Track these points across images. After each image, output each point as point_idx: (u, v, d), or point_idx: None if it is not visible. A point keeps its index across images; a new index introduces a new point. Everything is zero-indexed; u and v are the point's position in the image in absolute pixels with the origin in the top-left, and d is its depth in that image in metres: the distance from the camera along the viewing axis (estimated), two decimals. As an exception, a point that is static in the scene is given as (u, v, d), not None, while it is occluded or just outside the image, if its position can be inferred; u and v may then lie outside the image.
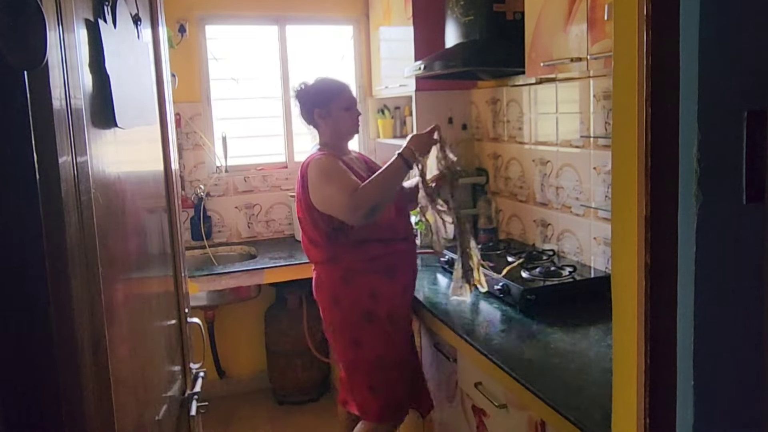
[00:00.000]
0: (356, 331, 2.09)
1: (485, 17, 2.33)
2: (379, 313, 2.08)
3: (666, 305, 0.89)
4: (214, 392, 3.36)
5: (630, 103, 0.90)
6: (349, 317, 2.10)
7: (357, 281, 2.09)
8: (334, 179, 2.00)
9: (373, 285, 2.08)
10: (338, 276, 2.11)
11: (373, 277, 2.09)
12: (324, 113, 2.17)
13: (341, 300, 2.10)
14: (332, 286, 2.13)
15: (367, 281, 2.08)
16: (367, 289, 2.08)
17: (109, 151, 0.91)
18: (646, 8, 0.85)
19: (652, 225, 0.89)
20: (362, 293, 2.08)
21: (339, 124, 2.18)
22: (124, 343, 0.92)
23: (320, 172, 2.03)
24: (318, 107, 2.17)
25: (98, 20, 0.86)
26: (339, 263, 2.10)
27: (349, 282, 2.09)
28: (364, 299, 2.08)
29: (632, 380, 0.94)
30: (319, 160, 2.07)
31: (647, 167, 0.88)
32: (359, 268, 2.09)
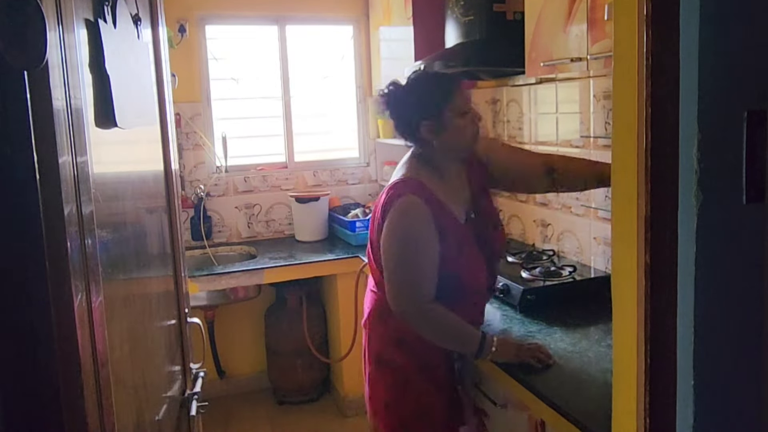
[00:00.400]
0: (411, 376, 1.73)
1: (485, 17, 2.33)
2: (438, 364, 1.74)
3: (666, 305, 0.89)
4: (214, 392, 3.36)
5: (630, 103, 0.90)
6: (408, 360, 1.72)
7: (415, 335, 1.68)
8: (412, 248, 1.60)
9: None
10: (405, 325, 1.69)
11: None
12: (436, 127, 1.64)
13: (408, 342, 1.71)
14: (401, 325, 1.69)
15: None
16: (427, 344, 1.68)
17: (109, 151, 0.91)
18: (646, 8, 0.85)
19: (652, 225, 0.89)
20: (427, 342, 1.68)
21: (458, 138, 1.66)
22: (124, 343, 0.92)
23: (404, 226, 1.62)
24: (427, 119, 1.63)
25: (98, 20, 0.86)
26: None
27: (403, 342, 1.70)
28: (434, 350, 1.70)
29: (632, 380, 0.94)
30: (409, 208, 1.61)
31: (647, 167, 0.88)
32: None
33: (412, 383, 1.74)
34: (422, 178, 1.67)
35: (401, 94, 1.71)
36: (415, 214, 1.61)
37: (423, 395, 1.74)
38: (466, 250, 1.69)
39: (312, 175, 3.58)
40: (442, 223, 1.63)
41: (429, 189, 1.65)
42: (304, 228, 3.41)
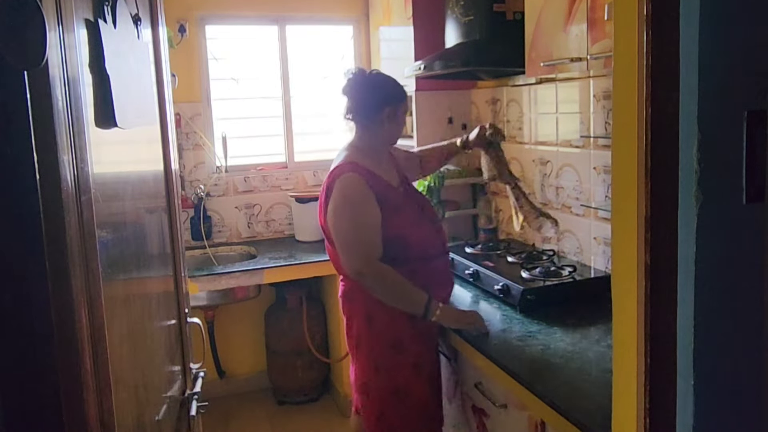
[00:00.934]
0: (380, 356, 1.89)
1: (485, 17, 2.33)
2: (410, 343, 1.88)
3: (666, 305, 0.89)
4: (214, 392, 3.36)
5: (630, 103, 0.90)
6: (377, 339, 1.89)
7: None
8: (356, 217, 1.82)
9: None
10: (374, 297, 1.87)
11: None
12: (393, 114, 1.93)
13: (375, 320, 1.89)
14: (367, 302, 1.88)
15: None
16: (406, 314, 1.85)
17: (109, 151, 0.91)
18: (646, 8, 0.85)
19: (652, 225, 0.89)
20: (399, 315, 1.85)
21: (396, 130, 1.98)
22: (124, 343, 0.92)
23: (346, 199, 1.83)
24: (390, 105, 1.92)
25: (98, 20, 0.86)
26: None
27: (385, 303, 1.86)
28: (399, 324, 1.86)
29: (632, 380, 0.94)
30: (348, 182, 1.84)
31: (647, 167, 0.88)
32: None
33: (385, 361, 1.89)
34: (357, 159, 1.91)
35: (368, 79, 1.96)
36: (353, 186, 1.84)
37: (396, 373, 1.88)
38: (407, 211, 1.95)
39: (312, 175, 3.58)
40: (378, 189, 1.87)
41: (362, 165, 1.89)
42: (304, 228, 3.41)
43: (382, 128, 1.95)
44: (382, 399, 1.90)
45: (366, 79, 1.95)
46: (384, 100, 1.92)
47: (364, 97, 1.94)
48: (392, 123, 1.95)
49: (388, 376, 1.88)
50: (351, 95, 1.95)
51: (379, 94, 1.93)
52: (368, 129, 1.96)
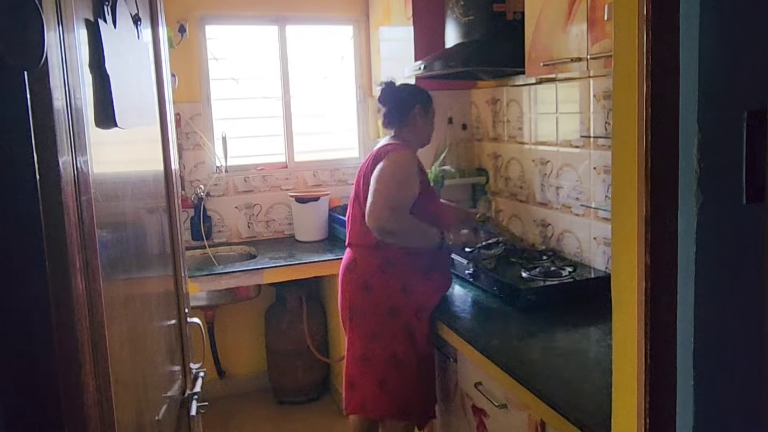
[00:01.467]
0: (377, 324, 2.06)
1: (485, 17, 2.33)
2: (405, 310, 2.05)
3: (666, 305, 0.89)
4: (214, 392, 3.36)
5: (630, 103, 0.90)
6: (374, 308, 2.07)
7: (393, 271, 2.07)
8: (401, 182, 2.03)
9: (408, 279, 2.07)
10: (376, 263, 2.09)
11: (410, 270, 2.08)
12: (424, 112, 2.19)
13: (373, 288, 2.08)
14: (367, 271, 2.10)
15: (403, 273, 2.08)
16: (401, 281, 2.07)
17: (109, 151, 0.91)
18: (646, 8, 0.85)
19: (652, 225, 0.89)
20: (395, 285, 2.06)
21: (428, 129, 2.23)
22: (124, 343, 0.92)
23: (398, 165, 2.04)
24: (421, 104, 2.18)
25: (98, 20, 0.86)
26: (380, 250, 2.08)
27: (385, 271, 2.08)
28: (396, 292, 2.06)
29: (632, 380, 0.94)
30: (405, 155, 2.08)
31: (647, 167, 0.88)
32: (399, 259, 2.07)
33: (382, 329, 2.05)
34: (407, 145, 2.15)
35: (399, 88, 2.23)
36: (406, 160, 2.07)
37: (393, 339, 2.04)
38: (435, 203, 2.23)
39: (312, 175, 3.58)
40: (421, 177, 2.11)
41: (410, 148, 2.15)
42: (304, 228, 3.41)
43: (416, 126, 2.19)
44: (382, 366, 2.05)
45: (396, 87, 2.23)
46: (412, 99, 2.18)
47: (395, 100, 2.19)
48: (423, 120, 2.20)
49: (385, 343, 2.05)
50: (385, 102, 2.22)
51: (407, 96, 2.19)
52: (403, 130, 2.20)
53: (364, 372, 2.08)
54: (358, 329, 2.11)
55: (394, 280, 2.07)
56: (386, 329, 2.05)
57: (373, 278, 2.08)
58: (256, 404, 3.42)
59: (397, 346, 2.04)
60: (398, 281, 2.07)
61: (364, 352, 2.08)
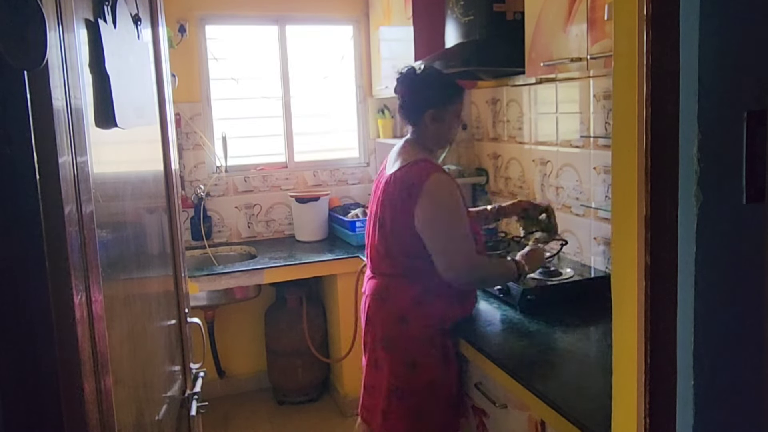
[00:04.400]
0: (415, 354, 1.87)
1: (485, 17, 2.33)
2: (444, 338, 1.89)
3: (666, 305, 0.89)
4: (214, 392, 3.36)
5: (630, 103, 0.90)
6: (412, 339, 1.87)
7: (431, 304, 1.88)
8: (457, 223, 1.82)
9: (446, 311, 1.89)
10: (411, 295, 1.88)
11: (448, 303, 1.90)
12: (438, 116, 1.90)
13: (410, 320, 1.87)
14: (402, 303, 1.88)
15: (441, 306, 1.89)
16: (440, 314, 1.88)
17: (109, 151, 0.91)
18: (646, 8, 0.85)
19: (652, 225, 0.89)
20: (434, 318, 1.87)
21: (447, 133, 1.94)
22: (124, 343, 0.92)
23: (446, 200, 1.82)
24: (435, 108, 1.88)
25: (98, 20, 0.86)
26: (414, 282, 1.89)
27: (421, 304, 1.87)
28: (434, 324, 1.88)
29: (632, 380, 0.94)
30: (443, 184, 1.83)
31: (647, 167, 0.88)
32: (435, 291, 1.88)
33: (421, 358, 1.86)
34: (430, 158, 1.91)
35: (418, 78, 1.92)
36: (450, 188, 1.85)
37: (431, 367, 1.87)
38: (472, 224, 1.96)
39: (312, 175, 3.58)
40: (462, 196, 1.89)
41: (439, 165, 1.91)
42: (304, 228, 3.41)
43: (427, 130, 1.92)
44: (420, 396, 1.88)
45: (413, 78, 1.92)
46: (426, 102, 1.89)
47: (408, 98, 1.92)
48: (438, 125, 1.91)
49: (423, 371, 1.87)
50: (399, 94, 1.95)
51: (421, 97, 1.90)
52: (420, 129, 1.94)
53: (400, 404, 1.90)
54: (395, 360, 1.89)
55: (433, 312, 1.88)
56: (424, 358, 1.87)
57: (409, 311, 1.87)
58: (256, 404, 3.42)
59: (435, 374, 1.88)
60: (437, 313, 1.88)
61: (398, 385, 1.89)
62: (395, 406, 1.90)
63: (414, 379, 1.87)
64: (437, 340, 1.88)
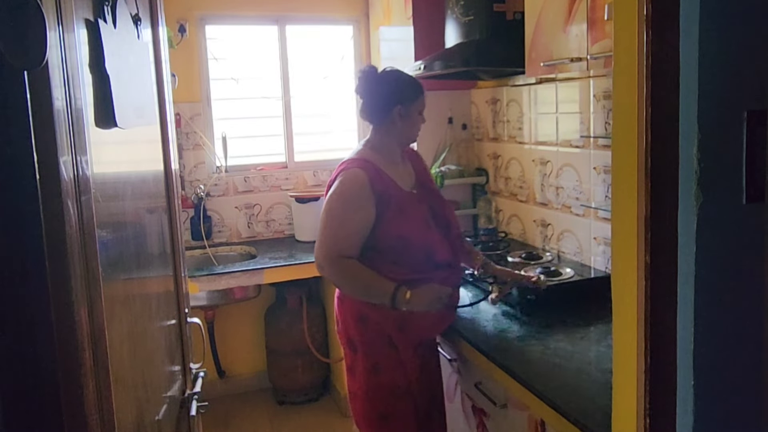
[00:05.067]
0: (377, 356, 1.87)
1: (485, 17, 2.33)
2: (405, 342, 1.86)
3: (666, 305, 0.89)
4: (214, 392, 3.36)
5: (630, 103, 0.90)
6: (373, 340, 1.87)
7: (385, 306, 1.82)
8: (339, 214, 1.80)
9: (402, 313, 1.81)
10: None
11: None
12: (404, 112, 1.89)
13: (368, 320, 1.87)
14: (358, 303, 1.88)
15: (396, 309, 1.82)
16: (395, 316, 1.82)
17: (109, 151, 0.91)
18: (646, 8, 0.85)
19: (652, 225, 0.89)
20: (389, 319, 1.83)
21: (410, 129, 1.94)
22: (124, 343, 0.92)
23: (339, 195, 1.82)
24: (402, 104, 1.88)
25: (98, 20, 0.86)
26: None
27: (377, 304, 1.83)
28: (391, 326, 1.84)
29: (632, 380, 0.94)
30: (350, 177, 1.82)
31: (647, 167, 0.88)
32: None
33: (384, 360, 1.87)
34: (368, 156, 1.90)
35: (379, 77, 1.93)
36: (352, 182, 1.83)
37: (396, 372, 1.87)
38: (414, 214, 1.90)
39: (312, 175, 3.58)
40: (382, 189, 1.83)
41: (372, 162, 1.87)
42: (304, 228, 3.41)
43: (395, 127, 1.91)
44: (384, 399, 1.87)
45: (376, 78, 1.92)
46: (393, 99, 1.89)
47: (373, 96, 1.92)
48: (405, 122, 1.91)
49: (388, 375, 1.87)
50: (362, 94, 1.94)
51: (387, 93, 1.90)
52: (381, 128, 1.94)
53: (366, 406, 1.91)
54: (361, 362, 1.90)
55: (388, 313, 1.82)
56: (387, 361, 1.86)
57: (366, 311, 1.87)
58: (256, 404, 3.42)
59: (400, 378, 1.86)
60: (392, 314, 1.82)
61: (366, 385, 1.89)
62: (363, 405, 1.91)
63: (377, 382, 1.87)
64: (400, 345, 1.86)
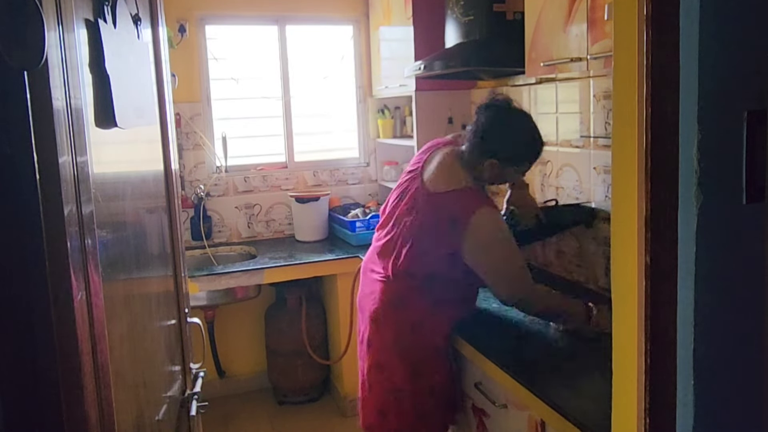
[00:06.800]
0: (421, 362, 1.89)
1: (485, 17, 2.33)
2: (446, 345, 1.91)
3: (666, 305, 0.89)
4: (214, 392, 3.36)
5: (630, 103, 0.90)
6: (420, 347, 1.88)
7: (444, 312, 1.89)
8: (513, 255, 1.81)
9: (455, 315, 1.91)
10: (427, 303, 1.88)
11: (457, 308, 1.94)
12: (496, 168, 1.84)
13: (424, 327, 1.88)
14: (419, 311, 1.88)
15: (452, 312, 1.91)
16: (450, 321, 1.90)
17: (109, 151, 0.91)
18: (646, 8, 0.85)
19: (652, 225, 0.89)
20: (445, 325, 1.89)
21: (493, 179, 1.91)
22: (124, 343, 0.92)
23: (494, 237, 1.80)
24: (501, 160, 1.83)
25: (98, 20, 0.86)
26: (431, 291, 1.88)
27: (436, 313, 1.88)
28: (445, 331, 1.89)
29: (632, 380, 0.94)
30: (492, 218, 1.80)
31: (647, 167, 0.88)
32: (448, 298, 1.90)
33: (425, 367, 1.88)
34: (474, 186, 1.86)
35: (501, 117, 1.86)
36: (496, 222, 1.82)
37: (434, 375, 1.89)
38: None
39: (312, 175, 3.58)
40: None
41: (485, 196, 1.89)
42: (304, 228, 3.41)
43: (482, 168, 1.85)
44: (423, 400, 1.90)
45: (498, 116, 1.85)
46: (494, 150, 1.82)
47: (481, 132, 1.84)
48: (491, 174, 1.86)
49: (426, 378, 1.89)
50: (477, 118, 1.87)
51: (493, 141, 1.82)
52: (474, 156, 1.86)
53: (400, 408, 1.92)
54: (398, 366, 1.89)
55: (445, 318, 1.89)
56: (429, 367, 1.89)
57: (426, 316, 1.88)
58: (256, 404, 3.42)
59: (435, 379, 1.90)
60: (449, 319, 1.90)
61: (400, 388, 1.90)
62: (394, 405, 1.92)
63: (415, 386, 1.89)
64: (443, 347, 1.90)
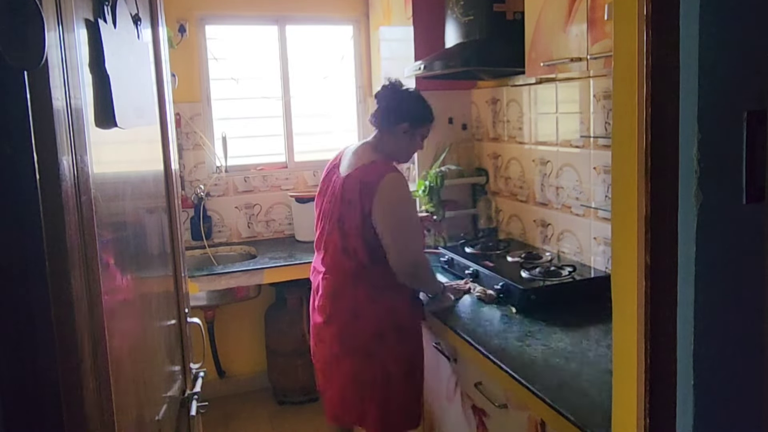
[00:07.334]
0: (370, 345, 2.00)
1: (485, 17, 2.33)
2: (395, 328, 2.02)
3: (666, 305, 0.89)
4: (214, 392, 3.36)
5: (630, 103, 0.90)
6: (363, 333, 2.00)
7: (381, 302, 2.01)
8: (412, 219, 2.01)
9: (396, 301, 2.03)
10: (363, 293, 2.01)
11: (398, 292, 2.04)
12: (409, 131, 2.07)
13: (361, 317, 2.00)
14: (356, 300, 2.01)
15: (392, 298, 2.02)
16: (390, 311, 2.01)
17: (109, 151, 0.91)
18: (646, 8, 0.85)
19: (652, 225, 0.89)
20: (385, 314, 2.01)
21: (407, 149, 2.11)
22: (124, 343, 0.92)
23: (400, 198, 1.97)
24: (410, 122, 2.06)
25: (98, 20, 0.86)
26: (366, 281, 2.01)
27: (374, 301, 2.00)
28: (386, 321, 2.00)
29: (632, 380, 0.94)
30: (399, 181, 1.98)
31: (647, 167, 0.88)
32: (385, 284, 2.01)
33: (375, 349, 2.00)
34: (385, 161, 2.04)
35: (404, 92, 2.11)
36: (403, 185, 2.00)
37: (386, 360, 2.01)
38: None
39: (312, 175, 3.58)
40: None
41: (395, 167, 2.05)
42: (304, 228, 3.41)
43: (396, 140, 2.07)
44: (383, 385, 2.01)
45: (396, 91, 2.10)
46: (404, 115, 2.05)
47: (388, 105, 2.07)
48: (406, 141, 2.08)
49: (378, 366, 2.00)
50: (380, 101, 2.10)
51: (401, 108, 2.06)
52: (385, 136, 2.08)
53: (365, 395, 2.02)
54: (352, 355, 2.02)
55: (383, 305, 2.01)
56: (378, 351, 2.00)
57: (361, 305, 2.00)
58: (256, 404, 3.42)
59: (390, 364, 2.00)
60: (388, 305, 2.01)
61: (362, 373, 2.02)
62: (362, 394, 2.03)
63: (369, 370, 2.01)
64: (389, 336, 2.01)
